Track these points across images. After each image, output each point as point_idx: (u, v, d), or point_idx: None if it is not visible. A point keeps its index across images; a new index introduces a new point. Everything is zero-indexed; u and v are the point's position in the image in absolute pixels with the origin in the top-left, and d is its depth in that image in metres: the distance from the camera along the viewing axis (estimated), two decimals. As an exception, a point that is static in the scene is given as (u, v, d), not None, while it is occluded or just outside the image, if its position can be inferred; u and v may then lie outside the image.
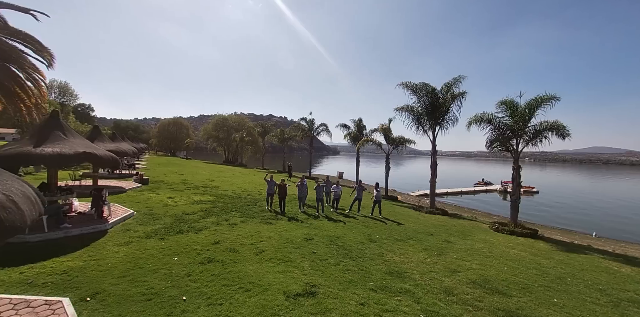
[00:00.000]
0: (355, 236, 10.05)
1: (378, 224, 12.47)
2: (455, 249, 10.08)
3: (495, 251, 10.40)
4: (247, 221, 10.66)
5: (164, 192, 15.35)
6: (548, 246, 12.46)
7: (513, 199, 14.27)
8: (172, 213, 10.99)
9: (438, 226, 13.54)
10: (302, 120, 36.16)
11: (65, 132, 9.53)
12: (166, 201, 13.17)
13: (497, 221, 15.26)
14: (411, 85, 17.57)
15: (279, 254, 7.48)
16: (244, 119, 57.50)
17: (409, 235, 11.14)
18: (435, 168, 18.18)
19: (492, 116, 14.50)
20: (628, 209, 33.26)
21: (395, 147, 23.68)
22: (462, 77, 17.12)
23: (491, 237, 12.64)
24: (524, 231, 13.34)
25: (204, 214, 11.08)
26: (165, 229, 8.93)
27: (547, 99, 13.31)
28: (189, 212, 11.32)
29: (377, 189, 14.39)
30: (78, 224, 8.65)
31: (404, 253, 8.85)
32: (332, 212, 13.81)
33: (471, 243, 11.14)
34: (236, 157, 55.91)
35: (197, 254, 7.09)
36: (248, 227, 9.82)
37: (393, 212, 16.22)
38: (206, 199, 14.31)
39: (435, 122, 17.66)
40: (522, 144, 14.14)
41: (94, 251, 6.98)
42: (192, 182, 20.21)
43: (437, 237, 11.31)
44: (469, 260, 9.01)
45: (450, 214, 18.00)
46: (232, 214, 11.55)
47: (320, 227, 10.65)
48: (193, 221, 10.01)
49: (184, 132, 70.81)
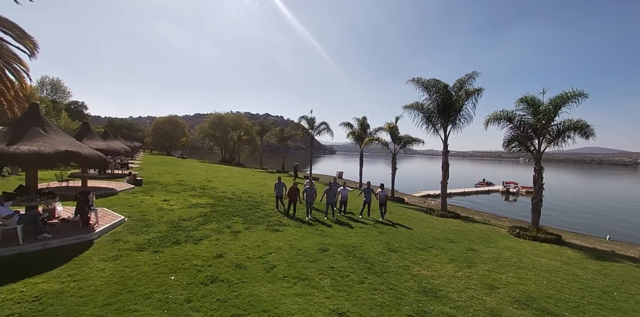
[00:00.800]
0: (373, 245, 9.03)
1: (393, 230, 11.48)
2: (483, 259, 9.12)
3: (525, 261, 9.46)
4: (251, 227, 9.59)
5: (158, 195, 14.22)
6: (575, 252, 11.57)
7: (535, 202, 13.35)
8: (168, 219, 9.89)
9: (456, 232, 12.58)
10: (303, 119, 35.04)
11: (45, 128, 8.40)
12: (161, 205, 12.06)
13: (516, 225, 14.35)
14: (422, 81, 16.59)
15: (293, 270, 6.43)
16: (241, 118, 56.17)
17: (430, 243, 10.16)
18: (446, 169, 17.25)
19: (512, 114, 13.57)
20: (629, 211, 32.62)
21: (403, 146, 22.70)
22: (475, 73, 16.19)
23: (515, 243, 11.71)
24: (547, 236, 12.44)
25: (203, 220, 9.99)
26: (160, 238, 7.84)
27: (573, 96, 12.38)
28: (186, 217, 10.22)
29: (382, 191, 13.44)
30: (60, 233, 7.53)
31: (430, 265, 7.86)
32: (341, 217, 12.81)
33: (497, 251, 10.20)
34: (233, 156, 54.64)
35: (198, 271, 6.01)
36: (253, 235, 8.75)
37: (405, 216, 15.24)
38: (204, 202, 13.21)
39: (447, 120, 16.71)
40: (545, 144, 13.21)
41: (75, 268, 5.88)
42: (189, 183, 19.07)
43: (460, 245, 10.35)
44: (503, 272, 8.05)
45: (463, 217, 17.09)
46: (234, 219, 10.47)
47: (332, 235, 9.61)
48: (191, 229, 8.92)
49: (179, 130, 69.33)
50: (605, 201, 39.71)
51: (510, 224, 19.69)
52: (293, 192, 11.81)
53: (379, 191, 13.51)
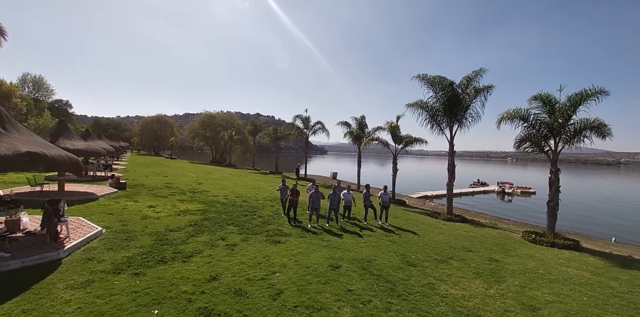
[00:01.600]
0: (388, 258, 8.00)
1: (404, 238, 10.49)
2: (508, 271, 8.20)
3: (553, 272, 8.59)
4: (248, 239, 8.44)
5: (143, 200, 12.94)
6: (597, 260, 10.79)
7: (551, 206, 12.55)
8: (153, 229, 8.68)
9: (469, 238, 11.68)
10: (297, 118, 33.85)
11: (5, 125, 7.10)
12: (146, 212, 10.81)
13: (530, 230, 13.56)
14: (428, 78, 15.67)
15: (305, 296, 5.33)
16: (232, 117, 54.50)
17: (447, 253, 9.20)
18: (453, 170, 16.37)
19: (527, 113, 12.76)
20: (619, 210, 32.38)
21: (404, 146, 21.78)
22: (483, 70, 15.35)
23: (534, 251, 10.87)
24: (565, 242, 11.65)
25: (194, 230, 8.80)
26: (143, 255, 6.65)
27: (593, 93, 11.59)
28: (174, 227, 9.02)
29: (385, 193, 12.53)
30: (22, 251, 6.28)
31: (457, 282, 6.88)
32: (346, 223, 11.79)
33: (520, 261, 9.31)
34: (224, 156, 53.04)
35: (188, 301, 4.87)
36: (252, 249, 7.61)
37: (411, 220, 14.30)
38: (195, 207, 12.00)
39: (454, 119, 15.84)
40: (561, 144, 12.42)
41: (33, 300, 4.68)
42: (178, 185, 17.75)
43: (480, 255, 9.42)
44: (536, 288, 7.15)
45: (470, 221, 16.26)
46: (228, 229, 9.31)
47: (341, 246, 8.55)
48: (179, 242, 7.73)
49: (168, 130, 67.27)
50: (596, 202, 39.65)
51: (514, 226, 19.02)
52: (294, 195, 10.74)
53: (382, 194, 12.62)
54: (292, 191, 10.90)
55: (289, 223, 10.58)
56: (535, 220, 24.04)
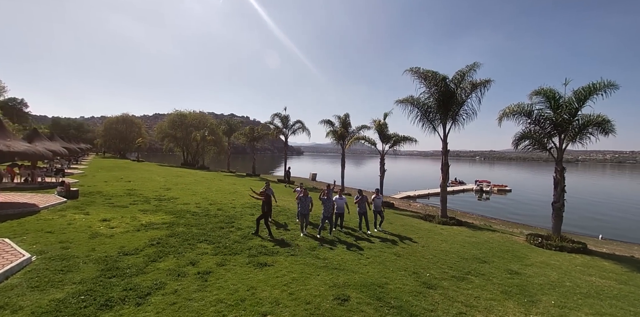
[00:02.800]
0: (400, 278, 6.59)
1: (407, 249, 9.17)
2: (535, 286, 7.08)
3: (580, 284, 7.59)
4: (226, 261, 6.72)
5: (97, 211, 10.82)
6: (612, 264, 10.01)
7: (557, 207, 11.74)
8: (102, 253, 6.77)
9: (475, 245, 10.58)
10: (276, 117, 31.92)
11: None
12: (97, 228, 8.80)
13: (534, 233, 12.73)
14: (420, 72, 14.54)
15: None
16: (205, 116, 51.45)
17: (460, 266, 7.97)
18: (446, 170, 15.38)
19: (531, 108, 11.90)
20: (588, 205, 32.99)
21: (392, 145, 20.63)
22: (477, 64, 14.43)
23: (546, 257, 9.92)
24: (574, 245, 10.85)
25: (155, 253, 6.96)
26: (81, 297, 4.81)
27: (602, 87, 10.84)
28: (129, 249, 7.13)
29: (377, 197, 11.40)
30: None
31: (490, 308, 5.60)
32: (339, 232, 10.36)
33: (540, 272, 8.27)
34: (197, 158, 49.97)
35: None
36: (232, 277, 5.91)
37: (407, 225, 13.07)
38: (160, 220, 10.07)
39: (447, 116, 14.82)
40: (566, 141, 11.66)
41: None
42: (142, 192, 15.53)
43: (496, 267, 8.28)
44: (575, 307, 6.04)
45: (464, 223, 15.32)
46: (200, 248, 7.54)
47: (342, 266, 7.04)
48: (135, 271, 5.90)
49: (135, 130, 62.92)
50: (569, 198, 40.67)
51: (507, 227, 18.44)
52: (267, 199, 9.03)
53: (374, 198, 11.45)
54: (265, 195, 9.16)
55: (270, 237, 8.89)
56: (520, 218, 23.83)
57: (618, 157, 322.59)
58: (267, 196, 9.09)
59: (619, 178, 78.77)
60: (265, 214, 8.96)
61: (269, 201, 9.06)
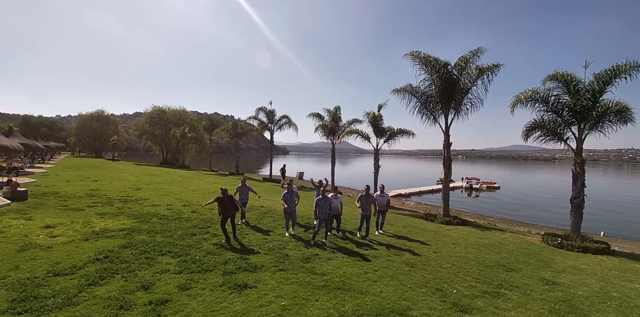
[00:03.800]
0: (423, 299, 5.08)
1: (419, 256, 7.69)
2: (581, 299, 5.77)
3: (629, 294, 6.37)
4: (193, 283, 5.02)
5: (43, 215, 8.87)
6: (641, 268, 8.93)
7: (576, 204, 10.57)
8: (24, 274, 4.99)
9: (490, 248, 9.25)
10: (261, 111, 29.92)
11: None
12: (34, 236, 6.94)
13: (550, 232, 11.55)
14: (421, 56, 13.13)
15: None
16: (185, 112, 48.57)
17: (487, 276, 6.55)
18: (449, 166, 14.05)
19: (548, 94, 10.66)
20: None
21: (387, 140, 19.21)
22: (481, 49, 13.13)
23: (573, 261, 8.70)
24: (598, 246, 9.69)
25: (98, 272, 5.20)
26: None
27: (628, 68, 9.60)
28: (65, 267, 5.35)
29: (382, 195, 9.90)
30: None
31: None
32: (335, 237, 8.78)
33: (577, 280, 7.00)
34: (177, 157, 47.19)
35: None
36: (197, 308, 4.23)
37: (409, 226, 11.64)
38: (117, 225, 8.23)
39: (450, 105, 13.48)
40: (586, 130, 10.48)
41: None
42: (106, 193, 13.50)
43: (526, 275, 6.92)
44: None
45: (468, 223, 14.06)
46: (160, 263, 5.80)
47: (347, 284, 5.44)
48: (59, 303, 4.16)
49: (111, 128, 59.33)
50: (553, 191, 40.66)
51: (508, 225, 17.38)
52: (230, 203, 7.45)
53: (377, 195, 9.91)
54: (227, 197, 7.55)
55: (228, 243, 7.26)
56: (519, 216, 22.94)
57: (592, 156, 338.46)
58: (221, 199, 7.44)
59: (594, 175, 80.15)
60: (223, 217, 7.46)
61: (223, 202, 7.42)
